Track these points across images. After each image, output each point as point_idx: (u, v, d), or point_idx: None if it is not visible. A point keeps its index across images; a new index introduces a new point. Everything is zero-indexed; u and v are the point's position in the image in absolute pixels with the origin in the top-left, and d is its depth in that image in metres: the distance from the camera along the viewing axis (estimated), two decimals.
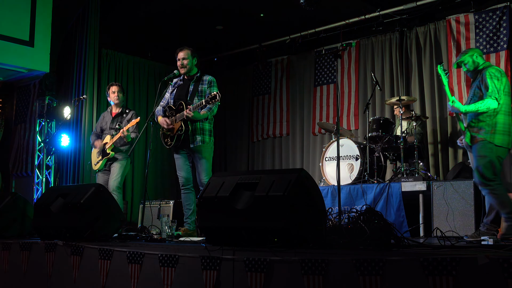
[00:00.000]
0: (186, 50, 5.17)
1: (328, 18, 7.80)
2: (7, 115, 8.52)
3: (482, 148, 4.42)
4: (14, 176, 8.27)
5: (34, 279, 4.00)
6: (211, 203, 3.25)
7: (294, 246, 2.89)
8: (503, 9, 6.52)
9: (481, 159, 4.40)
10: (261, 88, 9.29)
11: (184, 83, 5.25)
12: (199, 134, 5.03)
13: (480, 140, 4.43)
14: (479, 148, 4.43)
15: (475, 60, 4.62)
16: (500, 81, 4.42)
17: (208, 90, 5.07)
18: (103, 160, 5.98)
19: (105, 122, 6.20)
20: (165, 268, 3.06)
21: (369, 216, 2.94)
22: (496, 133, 4.40)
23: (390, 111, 7.40)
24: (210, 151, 5.14)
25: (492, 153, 4.40)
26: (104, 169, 6.04)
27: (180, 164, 5.18)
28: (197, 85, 5.13)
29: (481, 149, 4.42)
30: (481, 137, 4.43)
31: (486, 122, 4.42)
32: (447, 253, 2.47)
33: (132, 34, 8.81)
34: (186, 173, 5.17)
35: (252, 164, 9.26)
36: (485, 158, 4.39)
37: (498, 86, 4.39)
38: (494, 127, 4.41)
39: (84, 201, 3.98)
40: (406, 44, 7.51)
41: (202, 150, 5.06)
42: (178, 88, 5.25)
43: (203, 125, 5.07)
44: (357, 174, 6.29)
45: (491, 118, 4.42)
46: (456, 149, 6.76)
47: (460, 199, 5.38)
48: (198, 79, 5.17)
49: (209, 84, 5.13)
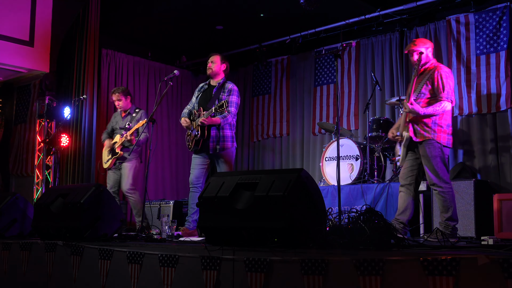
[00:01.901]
0: (216, 54, 5.40)
1: (328, 18, 7.80)
2: (7, 115, 8.51)
3: (430, 147, 4.47)
4: (14, 176, 8.27)
5: (34, 279, 4.00)
6: (211, 203, 3.25)
7: (294, 246, 2.89)
8: (503, 9, 6.52)
9: (432, 159, 4.45)
10: (261, 88, 9.29)
11: (208, 88, 5.43)
12: (220, 141, 5.16)
13: (427, 139, 4.48)
14: (428, 148, 4.47)
15: (429, 55, 4.66)
16: (453, 82, 4.55)
17: (227, 98, 5.19)
18: (113, 159, 6.12)
19: (115, 121, 6.40)
20: (165, 268, 3.06)
21: (369, 216, 2.94)
22: (442, 133, 4.50)
23: (390, 111, 7.40)
24: (232, 156, 5.27)
25: (441, 153, 4.47)
26: (114, 168, 6.17)
27: (195, 163, 5.29)
28: (218, 92, 5.29)
29: (430, 149, 4.47)
30: (428, 136, 4.48)
31: (432, 120, 4.49)
32: (447, 253, 2.47)
33: (132, 34, 8.81)
34: (198, 173, 5.26)
35: (252, 164, 9.26)
36: (435, 158, 4.45)
37: (452, 87, 4.51)
38: (440, 126, 4.50)
39: (84, 201, 3.99)
40: (406, 44, 7.50)
41: (224, 155, 5.19)
42: (203, 93, 5.41)
43: (225, 132, 5.17)
44: (357, 174, 6.30)
45: (437, 116, 4.50)
46: (456, 149, 6.76)
47: (460, 199, 5.38)
48: (221, 86, 5.31)
49: (228, 93, 5.25)
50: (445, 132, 4.53)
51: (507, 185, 6.22)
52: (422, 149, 4.51)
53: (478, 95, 6.58)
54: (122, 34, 8.77)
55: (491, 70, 6.51)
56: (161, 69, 9.23)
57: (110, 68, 8.60)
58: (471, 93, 6.64)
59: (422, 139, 4.50)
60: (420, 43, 4.67)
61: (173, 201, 7.53)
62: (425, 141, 4.49)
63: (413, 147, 4.60)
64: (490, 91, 6.48)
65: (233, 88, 5.31)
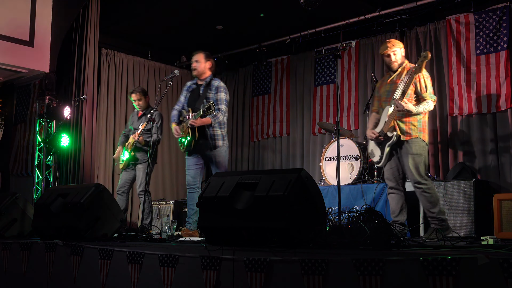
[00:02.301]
0: (200, 52, 5.29)
1: (328, 18, 7.79)
2: (7, 115, 8.51)
3: (416, 146, 4.54)
4: (14, 176, 8.26)
5: (34, 279, 4.00)
6: (211, 203, 3.25)
7: (294, 246, 2.89)
8: (503, 9, 6.52)
9: (418, 157, 4.52)
10: (261, 88, 9.29)
11: (196, 87, 5.37)
12: (211, 140, 5.12)
13: (413, 137, 4.55)
14: (413, 146, 4.54)
15: (403, 55, 4.75)
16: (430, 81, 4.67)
17: (215, 96, 5.13)
18: (126, 159, 6.15)
19: (132, 121, 6.42)
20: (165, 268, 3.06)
21: (369, 216, 2.94)
22: (424, 132, 4.59)
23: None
24: (225, 155, 5.24)
25: (425, 151, 4.57)
26: (128, 168, 6.17)
27: (189, 164, 5.28)
28: (206, 90, 5.22)
29: (416, 147, 4.54)
30: (415, 134, 4.56)
31: (418, 119, 4.58)
32: (447, 253, 2.47)
33: (132, 34, 8.81)
34: (194, 173, 5.24)
35: (252, 164, 9.26)
36: (420, 156, 4.53)
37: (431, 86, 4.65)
38: (425, 126, 4.60)
39: (84, 201, 3.99)
40: (406, 44, 7.50)
41: (216, 155, 5.17)
42: (191, 93, 5.35)
43: (215, 131, 5.13)
44: (357, 174, 6.30)
45: (421, 116, 4.59)
46: (456, 149, 6.76)
47: (460, 199, 5.39)
48: (208, 84, 5.24)
49: (216, 90, 5.19)
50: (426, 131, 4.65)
51: (507, 185, 6.22)
52: (407, 147, 4.55)
53: (478, 95, 6.58)
54: (122, 34, 8.77)
55: (491, 70, 6.51)
56: (161, 69, 9.23)
57: (110, 68, 8.60)
58: (471, 93, 6.64)
59: (409, 138, 4.55)
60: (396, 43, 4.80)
61: (173, 201, 7.54)
62: (412, 139, 4.55)
63: (396, 147, 4.64)
64: (490, 91, 6.48)
65: (220, 85, 5.24)
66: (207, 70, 5.30)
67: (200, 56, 5.28)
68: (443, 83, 7.01)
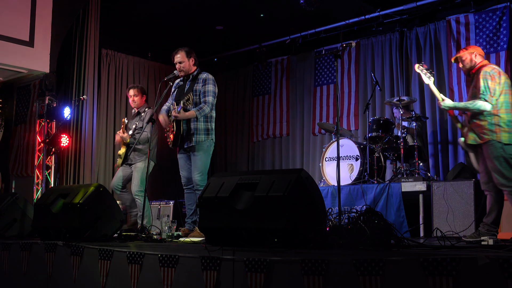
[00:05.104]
0: (180, 52, 5.15)
1: (328, 18, 7.80)
2: (7, 115, 8.51)
3: (492, 148, 4.33)
4: (14, 176, 8.26)
5: (34, 279, 4.00)
6: (211, 204, 3.25)
7: (294, 246, 2.89)
8: (503, 9, 6.52)
9: (496, 160, 4.31)
10: (261, 88, 9.29)
11: (183, 83, 5.27)
12: (194, 134, 5.01)
13: (487, 141, 4.34)
14: (490, 149, 4.34)
15: (473, 58, 4.54)
16: (494, 80, 4.33)
17: (202, 89, 5.05)
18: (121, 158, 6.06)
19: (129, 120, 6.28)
20: (165, 268, 3.06)
21: (369, 216, 2.94)
22: (502, 132, 4.31)
23: (390, 111, 7.40)
24: (206, 150, 5.08)
25: (504, 152, 4.31)
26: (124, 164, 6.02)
27: (181, 164, 5.21)
28: (193, 84, 5.12)
29: (492, 150, 4.33)
30: (488, 137, 4.34)
31: (489, 121, 4.34)
32: (447, 253, 2.47)
33: (132, 34, 8.81)
34: (187, 173, 5.18)
35: (252, 164, 9.26)
36: (498, 158, 4.30)
37: (491, 86, 4.31)
38: (499, 125, 4.32)
39: (84, 201, 3.99)
40: (406, 44, 7.51)
41: (196, 149, 5.04)
42: (179, 88, 5.28)
43: (198, 125, 5.05)
44: (357, 174, 6.30)
45: (492, 117, 4.34)
46: (456, 149, 6.77)
47: (460, 199, 5.38)
48: (195, 77, 5.17)
49: (203, 83, 5.09)
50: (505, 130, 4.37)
51: None
52: (485, 150, 4.40)
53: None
54: (122, 34, 8.77)
55: None
56: (161, 69, 9.23)
57: (110, 68, 8.60)
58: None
59: (485, 141, 4.37)
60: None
61: (173, 201, 7.53)
62: (486, 142, 4.37)
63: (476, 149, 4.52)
64: None
65: (208, 77, 5.11)
66: (192, 67, 5.20)
67: (181, 56, 5.14)
68: (443, 83, 7.01)
